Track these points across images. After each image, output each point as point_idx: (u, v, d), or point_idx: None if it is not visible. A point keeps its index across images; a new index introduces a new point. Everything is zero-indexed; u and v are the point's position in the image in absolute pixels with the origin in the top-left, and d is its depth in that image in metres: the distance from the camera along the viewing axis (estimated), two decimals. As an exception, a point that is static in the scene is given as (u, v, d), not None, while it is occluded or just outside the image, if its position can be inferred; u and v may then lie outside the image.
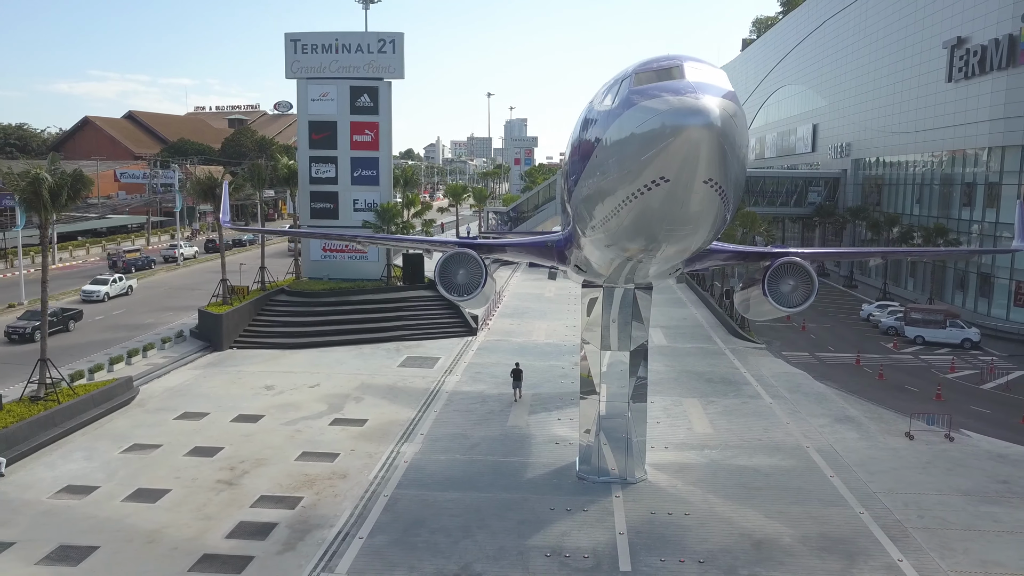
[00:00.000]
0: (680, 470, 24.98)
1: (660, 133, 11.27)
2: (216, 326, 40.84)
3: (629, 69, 13.19)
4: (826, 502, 22.68)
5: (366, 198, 50.09)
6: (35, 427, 26.36)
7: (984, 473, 24.89)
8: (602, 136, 12.98)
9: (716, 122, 11.03)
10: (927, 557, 19.38)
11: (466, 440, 27.70)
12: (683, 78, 11.88)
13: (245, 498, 22.64)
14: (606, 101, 13.34)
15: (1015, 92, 47.42)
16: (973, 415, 31.43)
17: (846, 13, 75.54)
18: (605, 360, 23.89)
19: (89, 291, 53.74)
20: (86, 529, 20.51)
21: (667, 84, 11.81)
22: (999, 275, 49.77)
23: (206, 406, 31.06)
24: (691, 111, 11.09)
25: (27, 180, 27.28)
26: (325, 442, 27.38)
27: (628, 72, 13.01)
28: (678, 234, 13.65)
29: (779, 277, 21.53)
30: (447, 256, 22.24)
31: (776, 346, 43.85)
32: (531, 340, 44.48)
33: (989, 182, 51.05)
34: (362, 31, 49.66)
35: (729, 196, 12.34)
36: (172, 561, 18.96)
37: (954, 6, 54.23)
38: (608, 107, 13.02)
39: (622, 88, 12.68)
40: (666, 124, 11.23)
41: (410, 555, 19.36)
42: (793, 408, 31.79)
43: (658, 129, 11.31)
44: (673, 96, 11.38)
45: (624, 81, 12.77)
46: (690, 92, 11.36)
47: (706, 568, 18.84)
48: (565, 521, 21.29)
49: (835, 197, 76.68)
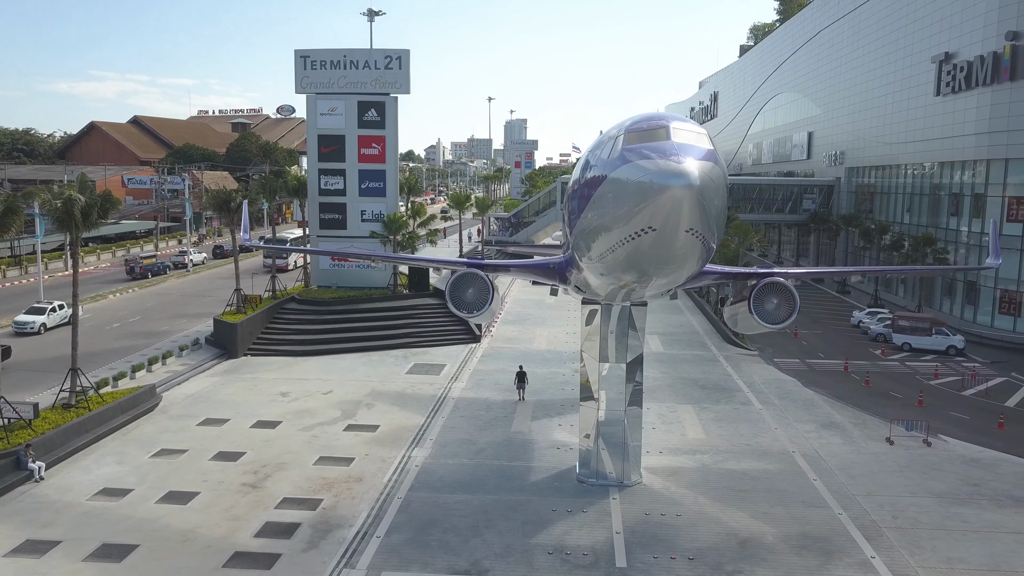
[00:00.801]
0: (673, 474, 26.75)
1: (648, 190, 13.09)
2: (231, 334, 42.60)
3: (624, 124, 15.01)
4: (808, 504, 24.45)
5: (373, 209, 51.84)
6: (69, 433, 28.12)
7: (957, 476, 26.66)
8: (599, 185, 14.81)
9: (695, 182, 12.84)
10: (898, 555, 21.15)
11: (473, 445, 29.46)
12: (669, 140, 13.69)
13: (269, 500, 24.40)
14: (603, 152, 15.17)
15: (999, 107, 49.18)
16: (952, 421, 33.19)
17: (840, 24, 77.27)
18: (603, 369, 25.68)
19: (22, 322, 46.37)
20: (125, 529, 22.28)
21: (655, 145, 13.62)
22: (985, 283, 51.52)
23: (226, 412, 32.82)
24: (674, 173, 12.89)
25: (61, 201, 29.01)
26: (340, 447, 29.14)
27: (622, 129, 14.82)
28: (666, 270, 15.50)
29: (764, 296, 23.31)
30: (456, 276, 24.04)
31: (768, 353, 45.58)
32: (533, 347, 46.23)
33: (975, 193, 52.82)
34: (369, 48, 51.37)
35: (709, 239, 14.17)
36: (207, 558, 20.73)
37: (942, 22, 55.97)
38: (604, 159, 14.85)
39: (616, 144, 14.51)
40: (653, 183, 13.05)
41: (424, 553, 21.12)
42: (782, 414, 33.57)
43: (646, 187, 13.13)
44: (660, 158, 13.20)
45: (618, 138, 14.59)
46: (673, 155, 13.16)
47: (695, 564, 20.60)
48: (566, 521, 23.05)
49: (829, 204, 78.47)
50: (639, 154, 13.50)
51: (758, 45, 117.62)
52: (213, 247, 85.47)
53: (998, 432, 31.67)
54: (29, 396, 32.44)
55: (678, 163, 12.87)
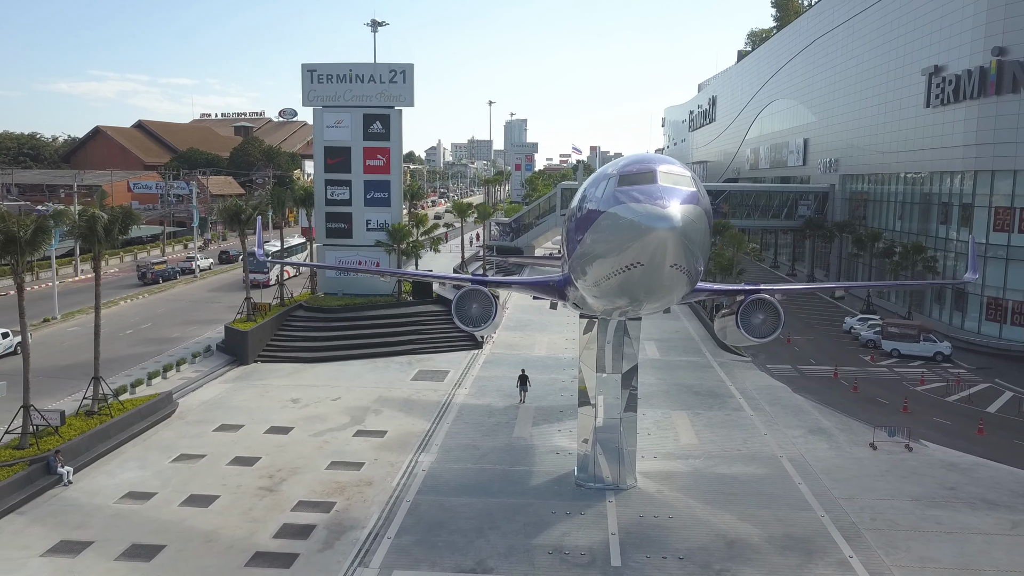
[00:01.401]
0: (666, 478, 28.26)
1: (636, 231, 14.65)
2: (242, 342, 44.11)
3: (619, 164, 16.56)
4: (793, 507, 25.96)
5: (378, 219, 53.34)
6: (94, 439, 29.63)
7: (934, 480, 28.17)
8: (595, 220, 16.37)
9: (678, 224, 14.39)
10: (874, 554, 22.66)
11: (476, 450, 30.97)
12: (656, 183, 15.25)
13: (285, 503, 25.91)
14: (598, 191, 16.75)
15: (986, 120, 50.68)
16: (935, 426, 34.70)
17: (834, 34, 78.76)
18: (600, 378, 27.16)
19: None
20: (152, 530, 23.79)
21: (644, 188, 15.17)
22: (972, 291, 52.99)
23: (240, 418, 34.34)
24: (659, 217, 14.45)
25: (85, 219, 30.52)
26: (351, 452, 30.65)
27: (616, 168, 16.36)
28: (654, 297, 17.07)
29: (751, 311, 24.85)
30: (462, 292, 25.60)
31: (762, 359, 47.05)
32: (533, 353, 47.72)
33: (963, 203, 54.33)
34: (375, 62, 52.87)
35: (693, 270, 15.72)
36: (230, 558, 22.24)
37: (932, 36, 57.45)
38: (599, 197, 16.42)
39: (610, 184, 16.06)
40: (641, 224, 14.61)
41: (432, 553, 22.63)
42: (771, 420, 35.08)
43: (635, 227, 14.70)
44: (647, 202, 14.75)
45: (612, 178, 16.15)
46: (659, 199, 14.72)
47: (685, 564, 22.11)
48: (565, 523, 24.57)
49: (824, 210, 80.00)
50: (630, 196, 15.06)
51: (755, 51, 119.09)
52: (219, 252, 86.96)
53: (978, 437, 33.19)
54: (51, 403, 34.01)
55: (663, 207, 14.42)
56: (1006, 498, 26.67)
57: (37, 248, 27.84)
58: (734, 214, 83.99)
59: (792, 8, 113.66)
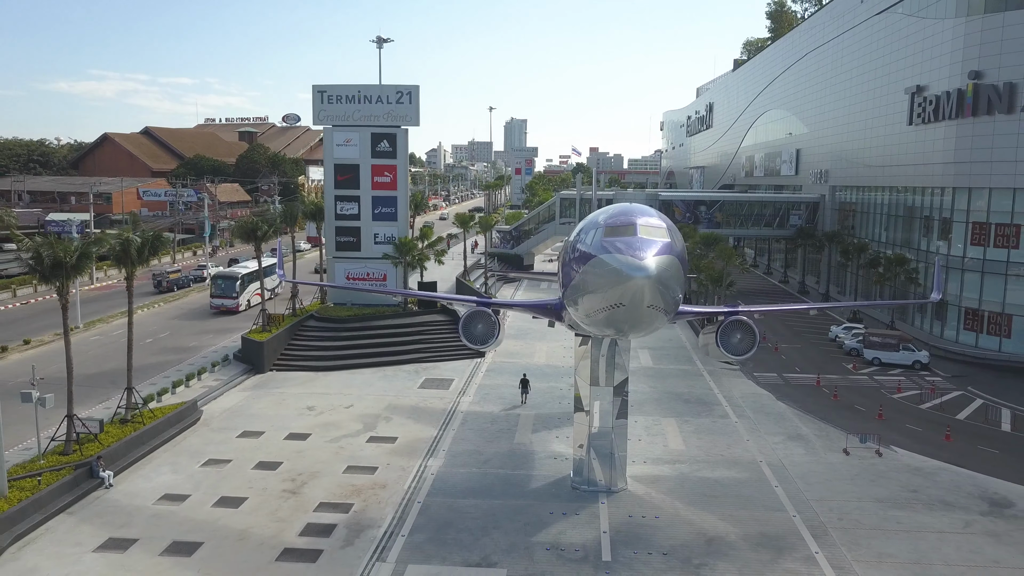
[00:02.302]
0: (654, 481, 30.90)
1: (618, 277, 17.37)
2: (258, 351, 46.75)
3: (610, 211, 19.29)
4: (768, 507, 28.59)
5: (385, 232, 55.96)
6: (129, 446, 32.26)
7: (899, 484, 30.80)
8: (585, 263, 19.08)
9: (652, 273, 17.09)
10: (838, 551, 25.29)
11: (480, 456, 33.61)
12: (636, 235, 17.96)
13: (308, 504, 28.54)
14: (588, 237, 19.48)
15: (963, 140, 53.27)
16: (907, 432, 37.33)
17: (825, 49, 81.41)
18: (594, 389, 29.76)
19: None
20: (190, 529, 26.43)
21: (625, 240, 17.89)
22: (952, 301, 55.61)
23: (261, 425, 36.98)
24: (637, 267, 17.15)
25: (120, 242, 33.14)
26: (364, 457, 33.28)
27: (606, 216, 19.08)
28: (637, 328, 19.80)
29: (729, 331, 27.50)
30: (468, 314, 28.27)
31: (749, 367, 49.60)
32: (533, 361, 50.33)
33: (943, 217, 56.96)
34: (382, 84, 55.53)
35: (669, 307, 18.45)
36: (262, 553, 24.88)
37: (914, 56, 60.07)
38: (588, 243, 19.15)
39: (598, 233, 18.78)
40: (622, 272, 17.33)
41: (442, 549, 25.27)
42: (754, 427, 37.72)
43: (617, 274, 17.43)
44: (627, 253, 17.46)
45: (600, 228, 18.86)
46: (638, 250, 17.43)
47: (668, 559, 24.75)
48: (561, 522, 27.20)
49: (815, 220, 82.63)
50: (614, 246, 17.78)
51: (750, 61, 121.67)
52: (228, 260, 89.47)
53: (944, 443, 35.81)
54: (83, 411, 36.61)
55: (640, 259, 17.13)
56: (962, 500, 29.30)
57: (81, 271, 30.45)
58: (728, 223, 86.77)
59: (786, 20, 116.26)
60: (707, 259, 56.04)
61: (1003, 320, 52.02)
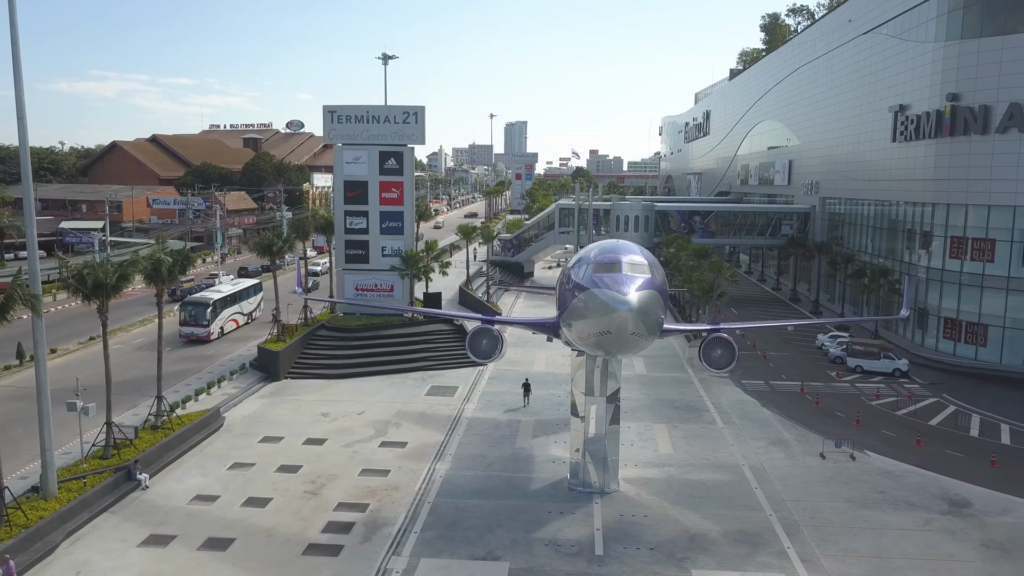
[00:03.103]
0: (644, 483, 33.65)
1: (605, 308, 20.26)
2: (274, 360, 49.54)
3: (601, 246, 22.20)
4: (747, 507, 31.34)
5: (392, 246, 58.77)
6: (161, 450, 35.04)
7: (869, 486, 33.56)
8: (578, 294, 21.93)
9: (635, 306, 19.94)
10: (808, 545, 28.05)
11: (484, 460, 36.37)
12: (621, 272, 20.82)
13: (328, 504, 31.29)
14: (580, 271, 22.37)
15: (942, 158, 56.06)
16: (881, 437, 40.08)
17: (816, 64, 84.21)
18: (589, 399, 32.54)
19: None
20: (222, 526, 29.19)
21: (612, 276, 20.76)
22: (932, 311, 58.38)
23: (280, 431, 39.74)
24: (621, 301, 20.00)
25: (151, 261, 35.92)
26: (377, 461, 36.03)
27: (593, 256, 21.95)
28: (623, 351, 22.66)
29: (711, 347, 30.29)
30: (473, 331, 31.11)
31: (738, 374, 52.30)
32: (534, 368, 53.05)
33: (924, 231, 59.73)
34: (390, 105, 58.35)
35: (651, 331, 21.31)
36: (289, 548, 27.64)
37: (897, 76, 62.86)
38: (581, 275, 22.03)
39: (588, 269, 21.67)
40: (608, 304, 20.23)
41: (451, 544, 28.02)
42: (739, 432, 40.48)
43: (604, 306, 20.32)
44: (613, 288, 20.31)
45: (590, 264, 21.73)
46: (622, 285, 20.29)
47: (655, 553, 27.50)
48: (558, 521, 29.96)
49: (806, 230, 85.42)
50: (602, 282, 20.72)
51: (745, 72, 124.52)
52: (238, 268, 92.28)
53: (915, 448, 38.56)
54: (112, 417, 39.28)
55: (624, 294, 20.02)
56: (925, 500, 32.06)
57: (119, 291, 33.19)
58: (722, 232, 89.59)
59: (779, 33, 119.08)
60: (699, 271, 58.76)
61: (979, 330, 54.76)
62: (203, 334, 58.61)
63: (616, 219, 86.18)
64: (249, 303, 65.95)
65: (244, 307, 64.94)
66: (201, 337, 58.52)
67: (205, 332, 58.69)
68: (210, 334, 58.89)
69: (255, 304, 66.91)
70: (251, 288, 66.89)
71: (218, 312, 60.15)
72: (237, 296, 63.85)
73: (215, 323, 59.37)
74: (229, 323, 61.83)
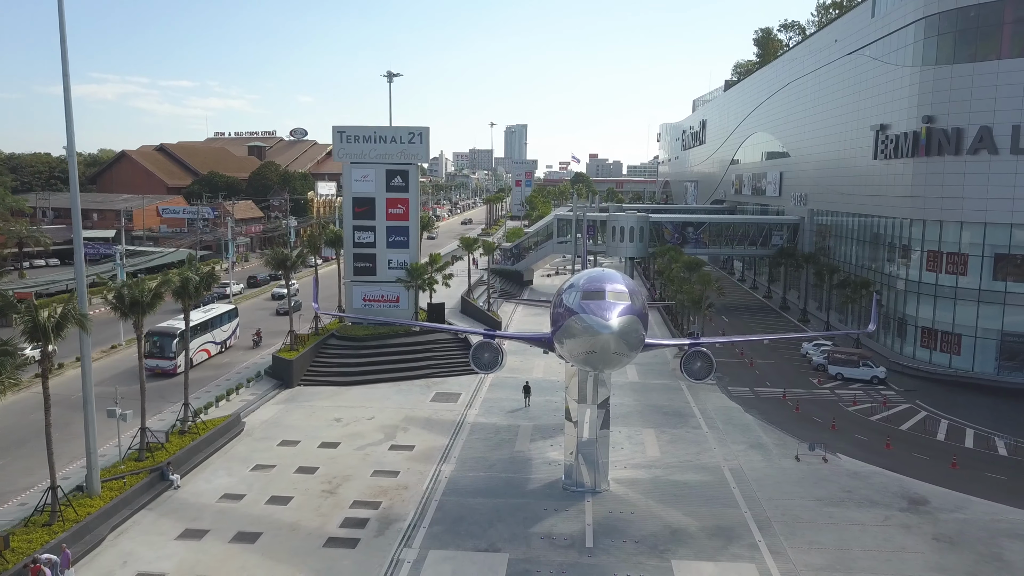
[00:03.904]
0: (632, 483, 36.81)
1: (590, 331, 23.52)
2: (288, 368, 52.73)
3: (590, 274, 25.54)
4: (725, 505, 34.49)
5: (398, 258, 61.99)
6: (190, 453, 38.21)
7: (837, 486, 36.72)
8: (568, 318, 25.18)
9: (615, 329, 23.22)
10: (777, 539, 31.21)
11: (486, 462, 39.54)
12: (605, 299, 24.04)
13: (344, 502, 34.45)
14: (570, 297, 25.60)
15: (918, 177, 59.35)
16: (854, 442, 43.22)
17: (804, 80, 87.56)
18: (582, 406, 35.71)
19: None
20: (250, 522, 32.35)
21: (596, 303, 24.01)
22: (911, 321, 61.56)
23: (296, 435, 42.91)
24: (604, 325, 23.25)
25: (180, 279, 39.15)
26: (388, 463, 39.20)
27: (581, 284, 25.22)
28: (608, 367, 26.02)
29: (691, 360, 33.52)
30: (476, 344, 34.38)
31: (725, 381, 55.53)
32: (532, 376, 56.10)
33: (903, 245, 62.94)
34: (396, 126, 61.67)
35: (633, 349, 24.60)
36: (311, 541, 30.79)
37: (879, 96, 66.14)
38: (571, 301, 25.26)
39: (577, 295, 24.92)
40: (593, 328, 23.49)
41: (456, 538, 31.17)
42: (722, 436, 43.65)
43: (589, 329, 23.58)
44: (597, 314, 23.56)
45: (579, 291, 24.98)
46: (605, 312, 23.54)
47: (639, 546, 30.65)
48: (553, 517, 33.11)
49: (796, 240, 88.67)
50: (588, 308, 24.05)
51: (739, 84, 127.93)
52: (247, 277, 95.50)
53: (885, 451, 41.72)
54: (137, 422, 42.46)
55: (606, 320, 23.33)
56: (887, 499, 35.23)
57: (153, 308, 36.36)
58: (714, 242, 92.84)
59: (772, 48, 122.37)
60: (688, 283, 61.96)
61: (953, 339, 57.96)
62: (168, 367, 53.56)
63: (612, 230, 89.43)
64: (223, 331, 61.62)
65: (217, 335, 60.41)
66: (166, 370, 53.55)
67: (170, 365, 53.52)
68: (176, 367, 52.96)
69: (229, 332, 62.63)
70: (225, 315, 62.48)
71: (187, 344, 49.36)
72: (209, 324, 59.59)
73: (182, 355, 51.23)
74: (200, 353, 57.56)
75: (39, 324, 28.23)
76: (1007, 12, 53.68)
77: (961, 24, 56.17)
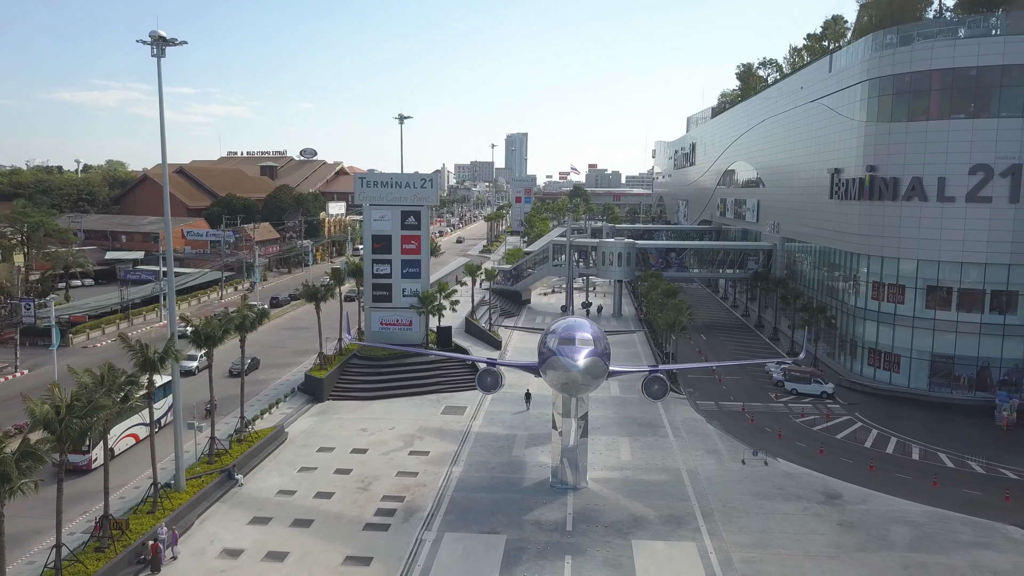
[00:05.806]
0: (607, 482, 45.57)
1: (563, 370, 32.67)
2: (319, 385, 61.59)
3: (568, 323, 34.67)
4: (679, 499, 43.22)
5: (411, 287, 70.87)
6: (247, 458, 46.99)
7: (772, 484, 45.45)
8: (549, 355, 34.22)
9: (582, 368, 32.38)
10: (716, 524, 39.93)
11: (488, 464, 48.30)
12: (575, 344, 33.02)
13: (375, 497, 43.20)
14: (550, 340, 34.62)
15: (864, 217, 68.22)
16: (796, 448, 51.93)
17: (777, 119, 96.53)
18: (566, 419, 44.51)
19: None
20: (303, 512, 41.11)
21: (568, 347, 33.09)
22: (860, 342, 70.30)
23: (331, 443, 51.70)
24: (573, 365, 32.34)
25: (240, 317, 47.96)
26: (408, 466, 47.95)
27: (558, 331, 34.28)
28: (580, 392, 34.94)
29: (650, 383, 42.52)
30: (481, 371, 43.38)
31: (695, 396, 64.25)
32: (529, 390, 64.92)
33: (853, 276, 71.78)
34: (409, 173, 70.72)
35: (599, 379, 34.01)
36: (352, 526, 39.56)
37: (835, 143, 75.08)
38: (550, 345, 34.31)
39: (556, 340, 33.93)
40: (565, 367, 32.69)
41: (466, 524, 39.89)
42: (685, 444, 52.43)
43: (563, 367, 32.69)
44: (568, 356, 32.63)
45: (556, 336, 34.01)
46: (575, 355, 32.58)
47: (608, 529, 39.35)
48: (542, 508, 41.82)
49: (770, 264, 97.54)
50: (562, 352, 33.15)
51: (723, 114, 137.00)
52: (271, 298, 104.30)
53: (818, 456, 50.42)
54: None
55: (575, 361, 32.46)
56: (809, 494, 43.98)
57: (223, 341, 45.14)
58: (696, 266, 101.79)
59: (752, 83, 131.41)
60: (664, 310, 70.85)
61: (893, 359, 66.75)
62: (80, 462, 43.65)
63: (603, 256, 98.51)
64: (159, 405, 49.76)
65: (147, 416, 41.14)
66: (78, 466, 43.54)
67: (83, 460, 43.80)
68: (91, 461, 44.07)
69: (163, 409, 51.35)
70: (165, 386, 50.00)
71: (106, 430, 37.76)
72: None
73: (95, 448, 43.70)
74: (125, 439, 47.69)
75: (148, 358, 37.01)
76: (933, 80, 62.61)
77: (898, 87, 65.12)
